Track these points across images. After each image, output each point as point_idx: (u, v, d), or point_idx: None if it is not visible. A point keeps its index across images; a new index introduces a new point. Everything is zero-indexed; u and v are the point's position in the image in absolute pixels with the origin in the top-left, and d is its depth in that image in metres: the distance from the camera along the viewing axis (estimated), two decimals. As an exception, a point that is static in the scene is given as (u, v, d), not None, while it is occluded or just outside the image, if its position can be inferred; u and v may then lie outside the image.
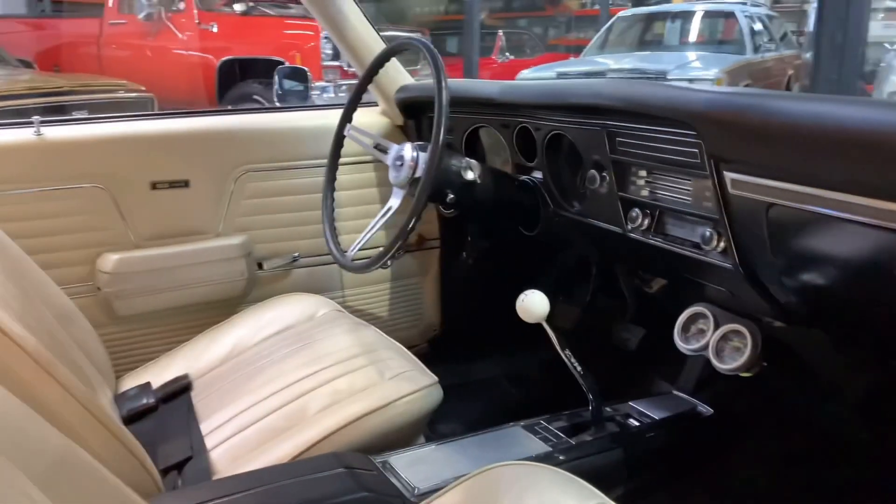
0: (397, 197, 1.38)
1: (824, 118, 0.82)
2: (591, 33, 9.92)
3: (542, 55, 10.79)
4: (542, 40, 12.35)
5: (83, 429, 0.89)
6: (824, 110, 0.83)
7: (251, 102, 6.57)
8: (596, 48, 8.26)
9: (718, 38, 8.23)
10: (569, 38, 12.89)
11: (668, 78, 6.55)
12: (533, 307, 1.14)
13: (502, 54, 10.07)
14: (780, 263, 1.00)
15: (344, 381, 1.25)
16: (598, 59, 7.55)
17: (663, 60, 7.06)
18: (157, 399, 1.35)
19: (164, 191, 1.58)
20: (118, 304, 1.56)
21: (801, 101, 0.87)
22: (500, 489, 0.90)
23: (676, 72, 6.62)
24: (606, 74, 6.88)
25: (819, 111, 0.83)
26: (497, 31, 10.38)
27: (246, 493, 0.92)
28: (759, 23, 7.91)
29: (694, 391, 1.43)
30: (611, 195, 1.29)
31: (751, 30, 7.57)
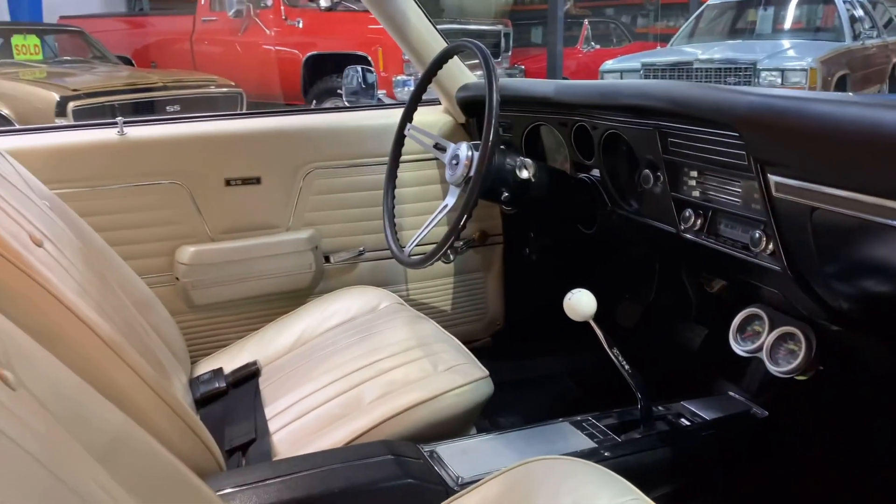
0: (453, 195, 1.42)
1: (863, 122, 0.81)
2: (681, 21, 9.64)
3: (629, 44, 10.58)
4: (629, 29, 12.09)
5: (150, 410, 0.97)
6: (863, 114, 0.81)
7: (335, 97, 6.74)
8: (684, 37, 8.02)
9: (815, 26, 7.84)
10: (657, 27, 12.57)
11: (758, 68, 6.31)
12: (579, 306, 1.16)
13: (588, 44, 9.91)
14: (827, 268, 0.99)
15: (399, 373, 1.30)
16: (685, 49, 7.33)
17: (755, 49, 6.79)
18: (227, 383, 1.44)
19: (238, 187, 1.67)
20: (195, 294, 1.66)
21: (841, 105, 0.85)
22: (537, 482, 0.92)
23: (767, 61, 6.36)
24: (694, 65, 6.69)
25: (858, 115, 0.82)
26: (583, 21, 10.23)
27: (299, 475, 0.99)
28: (860, 8, 7.50)
29: (751, 393, 1.41)
30: (664, 195, 1.29)
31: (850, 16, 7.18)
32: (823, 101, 0.88)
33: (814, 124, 0.86)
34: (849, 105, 0.85)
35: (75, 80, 5.05)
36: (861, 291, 0.98)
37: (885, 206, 0.82)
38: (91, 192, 1.55)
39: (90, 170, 1.55)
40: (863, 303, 1.01)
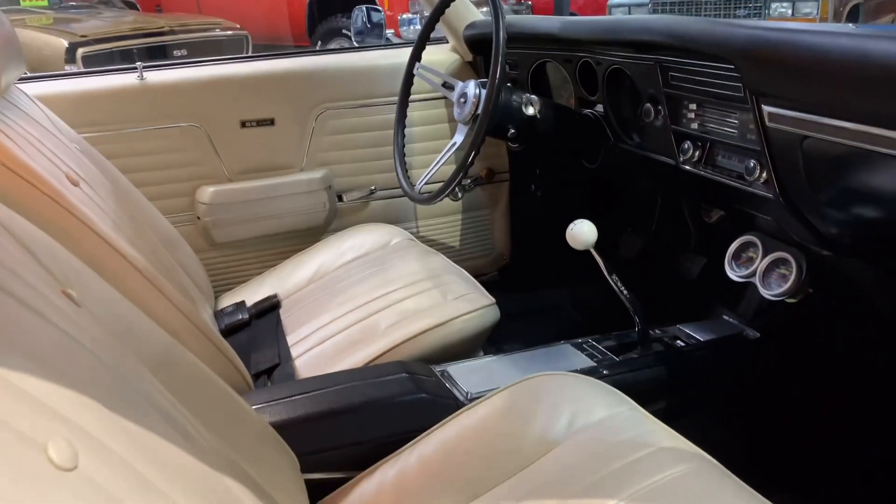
0: (461, 133, 1.47)
1: (851, 52, 0.85)
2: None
3: (637, -22, 10.34)
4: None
5: (185, 336, 1.06)
6: (852, 45, 0.86)
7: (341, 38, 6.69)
8: (694, -30, 7.85)
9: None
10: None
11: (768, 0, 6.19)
12: (580, 235, 1.22)
13: (595, -21, 9.70)
14: (817, 194, 1.05)
15: (411, 302, 1.39)
16: (694, -18, 7.19)
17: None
18: (250, 315, 1.53)
19: (252, 129, 1.73)
20: (215, 232, 1.74)
21: (831, 37, 0.90)
22: (540, 394, 1.01)
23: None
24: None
25: (846, 45, 0.86)
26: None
27: (323, 391, 1.07)
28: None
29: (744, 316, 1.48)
30: (664, 128, 1.34)
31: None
32: (815, 32, 0.92)
33: (805, 56, 0.91)
34: (839, 36, 0.89)
35: (83, 27, 5.04)
36: (849, 217, 1.04)
37: (871, 133, 0.87)
38: (114, 136, 1.61)
39: (112, 114, 1.61)
40: (851, 228, 1.07)
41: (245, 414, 0.85)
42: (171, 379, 0.73)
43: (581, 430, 0.94)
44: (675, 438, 0.92)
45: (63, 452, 0.42)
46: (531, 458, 0.92)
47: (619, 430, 0.94)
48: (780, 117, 1.01)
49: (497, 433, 0.96)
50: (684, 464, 0.87)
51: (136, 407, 0.56)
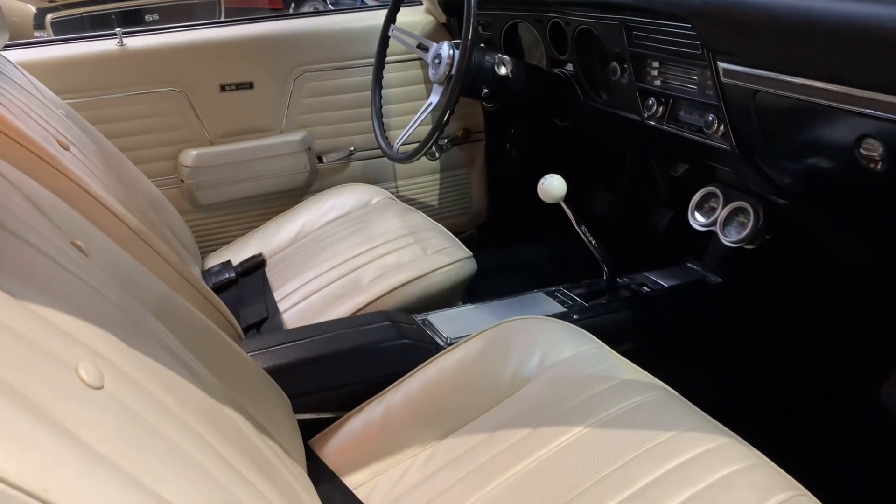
0: (437, 93, 1.53)
1: (796, 11, 0.92)
2: None
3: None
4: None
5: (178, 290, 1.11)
6: (797, 4, 0.92)
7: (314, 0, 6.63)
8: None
9: None
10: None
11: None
12: (551, 189, 1.29)
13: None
14: (770, 146, 1.12)
15: (392, 257, 1.45)
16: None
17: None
18: (237, 273, 1.58)
19: (232, 92, 1.77)
20: (199, 194, 1.78)
21: None
22: (513, 336, 1.08)
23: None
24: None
25: (792, 5, 0.93)
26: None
27: (312, 339, 1.14)
28: None
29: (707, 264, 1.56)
30: (630, 86, 1.40)
31: None
32: None
33: (754, 14, 0.97)
34: None
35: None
36: (800, 166, 1.12)
37: (816, 87, 0.94)
38: (96, 102, 1.65)
39: (93, 80, 1.64)
40: (802, 177, 1.15)
41: (240, 358, 0.92)
42: (173, 323, 0.79)
43: (551, 366, 1.02)
44: (638, 372, 1.01)
45: (91, 373, 0.48)
46: (505, 393, 1.00)
47: (585, 365, 1.02)
48: (733, 73, 1.08)
49: (474, 372, 1.04)
50: (646, 393, 0.95)
51: (147, 342, 0.63)
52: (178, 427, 0.55)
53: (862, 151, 0.92)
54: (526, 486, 0.85)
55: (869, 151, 0.92)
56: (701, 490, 0.79)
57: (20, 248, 0.57)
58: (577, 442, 0.89)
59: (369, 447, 0.99)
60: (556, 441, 0.89)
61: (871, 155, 0.91)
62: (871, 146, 0.91)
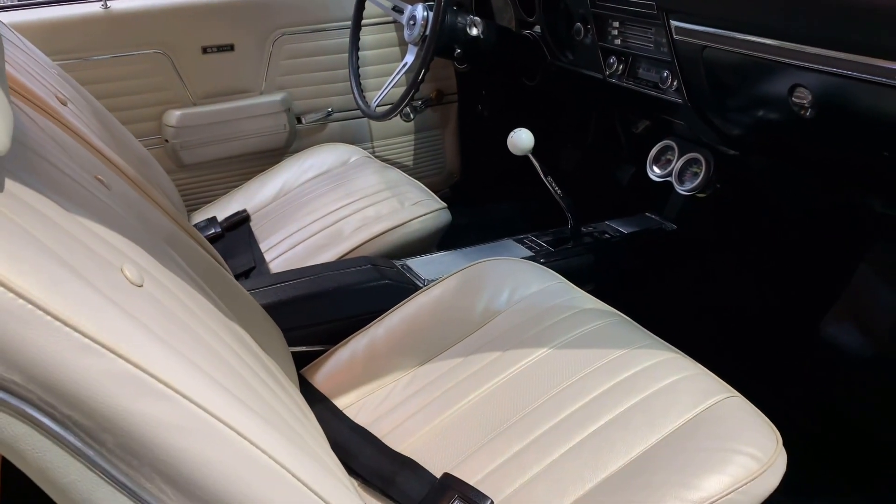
0: (412, 53, 1.61)
1: None
2: None
3: None
4: None
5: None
6: None
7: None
8: None
9: None
10: None
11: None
12: (519, 142, 1.39)
13: None
14: (718, 99, 1.23)
15: (372, 210, 1.54)
16: None
17: None
18: (223, 228, 1.66)
19: (213, 55, 1.83)
20: (184, 154, 1.85)
21: None
22: (485, 275, 1.19)
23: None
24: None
25: None
26: None
27: (299, 280, 1.24)
28: None
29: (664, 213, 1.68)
30: (593, 45, 1.50)
31: None
32: None
33: None
34: None
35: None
36: (746, 118, 1.23)
37: (754, 42, 1.05)
38: (82, 63, 1.70)
39: (79, 42, 1.69)
40: (747, 127, 1.26)
41: (240, 291, 1.01)
42: (180, 252, 0.88)
43: (519, 300, 1.13)
44: (597, 302, 1.12)
45: (134, 274, 0.57)
46: (478, 324, 1.11)
47: (549, 298, 1.13)
48: (684, 30, 1.18)
49: (450, 307, 1.14)
50: (604, 319, 1.06)
51: (169, 261, 0.72)
52: (204, 328, 0.64)
53: (794, 100, 1.04)
54: (494, 401, 0.96)
55: (800, 99, 1.03)
56: (647, 396, 0.90)
57: (60, 176, 0.66)
58: (540, 362, 1.00)
59: (356, 374, 1.10)
60: (521, 362, 1.00)
61: (802, 102, 1.03)
62: (801, 94, 1.02)
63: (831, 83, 0.96)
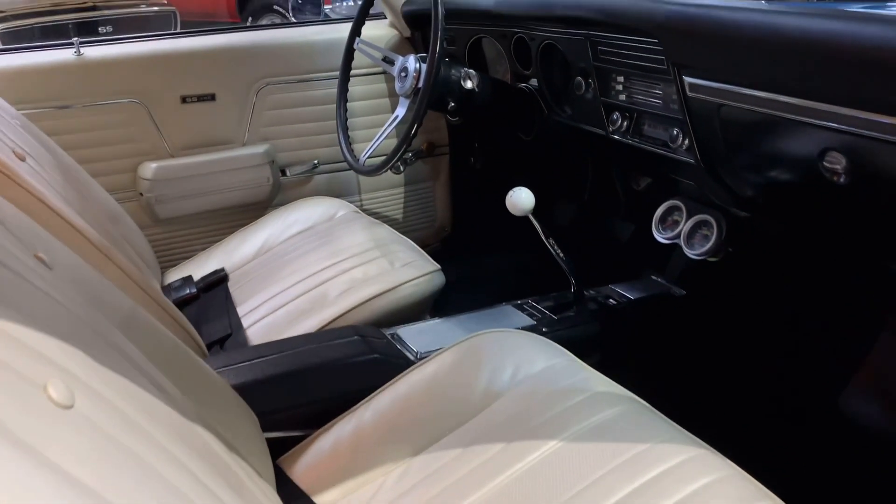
0: (403, 106, 1.52)
1: (762, 27, 0.94)
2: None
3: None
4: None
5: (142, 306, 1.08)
6: (763, 20, 0.94)
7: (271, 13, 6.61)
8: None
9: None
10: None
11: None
12: (519, 202, 1.29)
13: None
14: (734, 158, 1.14)
15: (359, 271, 1.44)
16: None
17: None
18: (198, 289, 1.55)
19: (193, 104, 1.74)
20: (159, 208, 1.74)
21: (744, 13, 0.98)
22: (484, 349, 1.08)
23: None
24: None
25: (759, 21, 0.95)
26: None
27: (280, 354, 1.12)
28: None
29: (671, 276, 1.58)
30: (595, 100, 1.42)
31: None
32: (729, 8, 1.00)
33: (721, 30, 0.99)
34: (752, 12, 0.97)
35: None
36: (762, 179, 1.14)
37: (781, 101, 0.96)
38: (53, 112, 1.60)
39: (51, 90, 1.59)
40: (764, 189, 1.17)
41: (207, 375, 0.90)
42: (139, 339, 0.76)
43: (523, 380, 1.02)
44: (609, 384, 1.01)
45: (61, 392, 0.46)
46: (478, 407, 0.99)
47: (557, 378, 1.01)
48: (699, 87, 1.10)
49: (446, 387, 1.03)
50: (618, 406, 0.95)
51: (116, 359, 0.60)
52: (150, 446, 0.53)
53: (825, 164, 0.95)
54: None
55: (832, 164, 0.94)
56: (676, 503, 0.79)
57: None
58: (551, 457, 0.88)
59: (340, 465, 0.97)
60: (530, 456, 0.89)
61: (835, 168, 0.94)
62: (834, 159, 0.93)
63: (869, 148, 0.88)
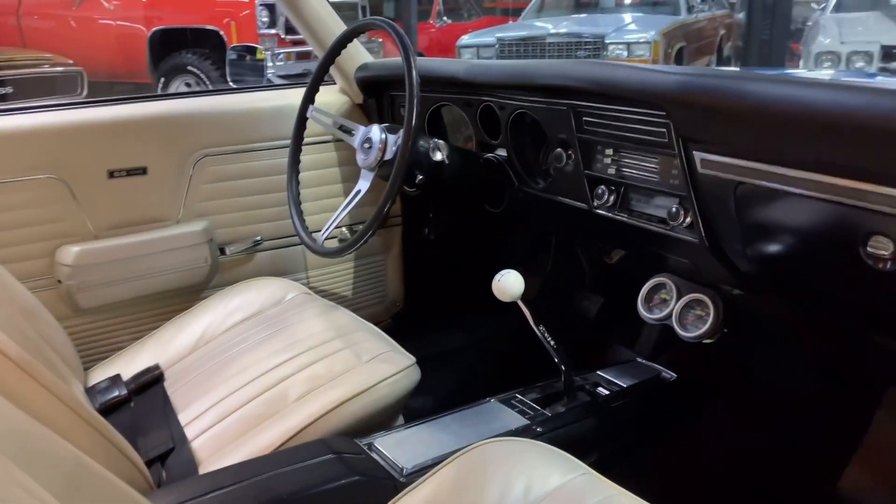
0: (366, 179, 1.39)
1: (793, 101, 0.86)
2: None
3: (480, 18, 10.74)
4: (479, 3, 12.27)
5: (69, 429, 0.88)
6: (793, 93, 0.87)
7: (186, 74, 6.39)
8: (534, 11, 8.26)
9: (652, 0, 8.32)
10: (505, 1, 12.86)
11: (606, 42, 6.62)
12: (509, 287, 1.17)
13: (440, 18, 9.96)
14: (745, 236, 1.05)
15: (321, 366, 1.26)
16: (536, 24, 7.55)
17: (600, 23, 7.12)
18: (129, 391, 1.33)
19: (122, 179, 1.54)
20: (81, 297, 1.52)
21: (770, 84, 0.90)
22: (489, 466, 0.93)
23: (614, 35, 6.68)
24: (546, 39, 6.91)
25: (788, 94, 0.87)
26: (433, -6, 10.25)
27: (240, 485, 0.94)
28: (691, -18, 8.01)
29: (654, 356, 1.49)
30: (577, 173, 1.32)
31: (683, -11, 7.66)
32: (751, 79, 0.93)
33: (747, 103, 0.91)
34: (776, 84, 0.90)
35: None
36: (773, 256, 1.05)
37: (806, 179, 0.88)
38: None
39: None
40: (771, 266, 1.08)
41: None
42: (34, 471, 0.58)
43: (538, 500, 0.88)
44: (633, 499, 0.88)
45: None
46: (492, 539, 0.84)
47: (578, 498, 0.88)
48: (713, 163, 1.01)
49: (451, 514, 0.87)
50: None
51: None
52: None
53: (869, 250, 0.86)
54: None
55: (877, 250, 0.85)
56: None
57: None
58: None
59: None
60: None
61: (881, 254, 0.85)
62: (880, 244, 0.85)
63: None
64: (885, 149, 0.78)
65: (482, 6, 12.17)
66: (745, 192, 0.98)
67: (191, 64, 6.37)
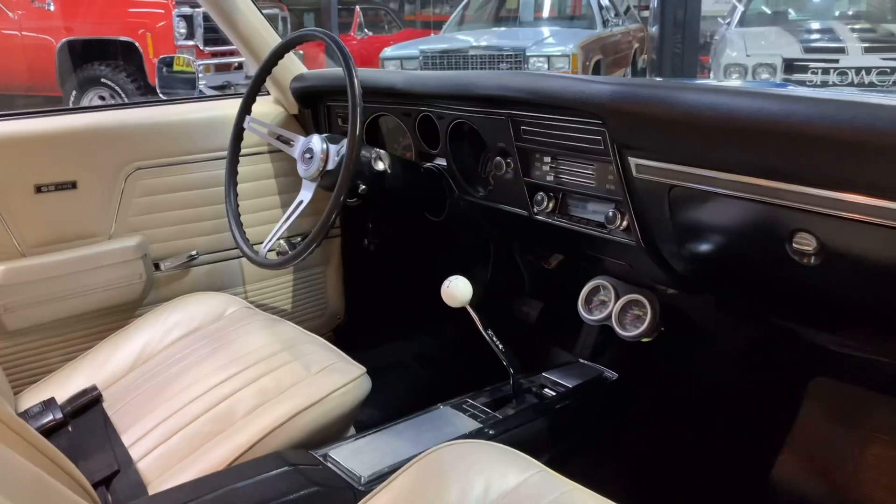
0: (308, 190, 1.39)
1: (720, 108, 0.92)
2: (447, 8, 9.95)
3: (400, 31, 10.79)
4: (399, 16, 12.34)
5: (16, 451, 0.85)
6: (720, 101, 0.92)
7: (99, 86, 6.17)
8: (455, 25, 8.37)
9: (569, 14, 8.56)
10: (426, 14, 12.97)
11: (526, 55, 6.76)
12: (457, 292, 1.19)
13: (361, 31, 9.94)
14: (679, 237, 1.11)
15: (269, 380, 1.25)
16: (458, 37, 7.64)
17: (520, 37, 7.27)
18: (65, 414, 1.28)
19: (50, 194, 1.49)
20: (7, 318, 1.46)
21: (699, 93, 0.96)
22: (447, 468, 0.95)
23: (534, 48, 6.83)
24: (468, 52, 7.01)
25: (716, 102, 0.93)
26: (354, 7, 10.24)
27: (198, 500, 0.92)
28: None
29: (594, 357, 1.54)
30: (516, 180, 1.35)
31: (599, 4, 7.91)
32: (682, 88, 0.98)
33: (677, 111, 0.96)
34: (704, 93, 0.95)
35: None
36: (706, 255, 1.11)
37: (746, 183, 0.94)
38: None
39: None
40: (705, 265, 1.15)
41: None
42: None
43: (498, 499, 0.90)
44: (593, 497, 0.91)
45: None
46: (455, 539, 0.85)
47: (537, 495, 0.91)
48: (647, 168, 1.06)
49: (413, 517, 0.89)
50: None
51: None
52: None
53: (794, 246, 0.93)
54: None
55: (802, 246, 0.92)
56: None
57: None
58: None
59: None
60: None
61: (805, 249, 0.92)
62: (804, 240, 0.91)
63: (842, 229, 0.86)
64: (802, 151, 0.85)
65: (402, 19, 12.25)
66: (677, 194, 1.03)
67: (104, 76, 6.16)
